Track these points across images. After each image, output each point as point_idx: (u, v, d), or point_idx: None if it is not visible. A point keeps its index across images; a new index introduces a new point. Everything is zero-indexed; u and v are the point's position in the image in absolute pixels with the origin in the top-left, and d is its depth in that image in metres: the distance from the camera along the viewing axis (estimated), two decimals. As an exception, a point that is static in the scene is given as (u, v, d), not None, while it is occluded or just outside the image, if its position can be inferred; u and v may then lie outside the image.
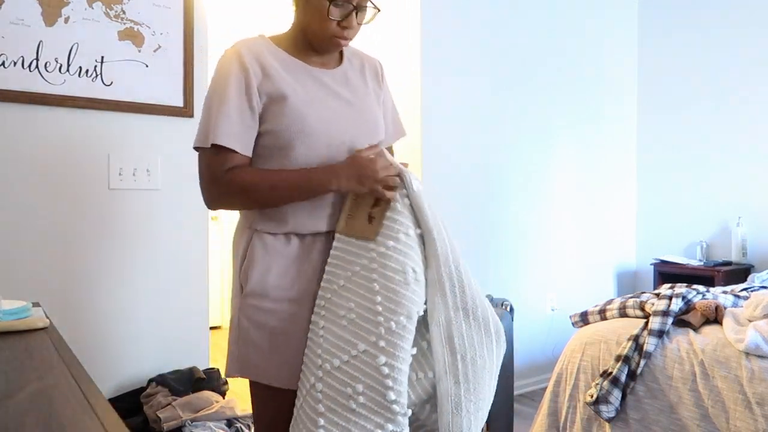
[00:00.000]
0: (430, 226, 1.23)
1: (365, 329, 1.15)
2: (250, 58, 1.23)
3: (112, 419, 0.72)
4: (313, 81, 1.29)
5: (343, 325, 1.18)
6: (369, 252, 1.21)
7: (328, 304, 1.22)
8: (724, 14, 3.59)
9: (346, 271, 1.22)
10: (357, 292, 1.19)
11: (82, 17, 2.03)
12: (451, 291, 1.21)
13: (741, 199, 3.52)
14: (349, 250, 1.23)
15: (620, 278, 3.94)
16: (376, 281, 1.17)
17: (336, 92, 1.31)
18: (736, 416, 1.80)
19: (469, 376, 1.18)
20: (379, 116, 1.39)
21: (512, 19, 3.33)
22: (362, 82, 1.39)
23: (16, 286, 1.94)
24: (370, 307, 1.16)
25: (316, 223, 1.27)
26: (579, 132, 3.67)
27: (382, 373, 1.11)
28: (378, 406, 1.12)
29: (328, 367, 1.16)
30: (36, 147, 1.98)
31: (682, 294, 2.16)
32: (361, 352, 1.14)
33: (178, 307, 2.25)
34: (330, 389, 1.15)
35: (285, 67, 1.27)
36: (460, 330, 1.20)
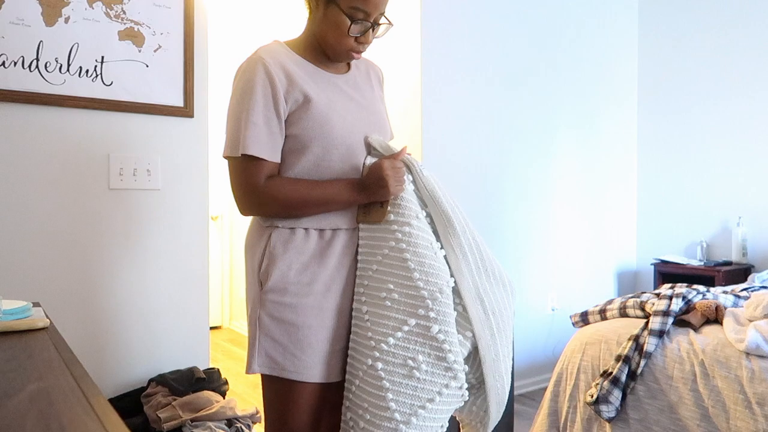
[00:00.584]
0: (444, 206, 1.34)
1: (411, 305, 1.24)
2: (275, 65, 1.27)
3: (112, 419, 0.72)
4: (330, 85, 1.35)
5: (387, 305, 1.26)
6: (394, 233, 1.29)
7: (366, 290, 1.30)
8: (724, 14, 3.59)
9: (376, 256, 1.30)
10: (392, 272, 1.27)
11: (83, 17, 2.03)
12: (473, 258, 1.34)
13: (741, 199, 3.52)
14: (375, 236, 1.31)
15: (621, 278, 3.94)
16: (409, 260, 1.26)
17: (350, 95, 1.38)
18: (737, 416, 1.80)
19: (500, 326, 1.33)
20: (386, 117, 1.49)
21: (512, 21, 3.33)
22: (369, 86, 1.46)
23: (16, 286, 1.94)
24: (409, 284, 1.25)
25: (335, 219, 1.33)
26: (579, 132, 3.67)
27: (438, 340, 1.23)
28: (441, 369, 1.23)
29: (384, 347, 1.24)
30: (36, 147, 1.98)
31: (682, 294, 2.16)
32: (413, 326, 1.24)
33: (178, 306, 2.25)
34: (391, 365, 1.23)
35: (305, 72, 1.33)
36: (485, 290, 1.33)
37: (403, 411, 1.22)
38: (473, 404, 1.39)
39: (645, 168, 4.00)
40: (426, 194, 1.36)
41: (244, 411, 2.10)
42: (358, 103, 1.39)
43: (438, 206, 1.35)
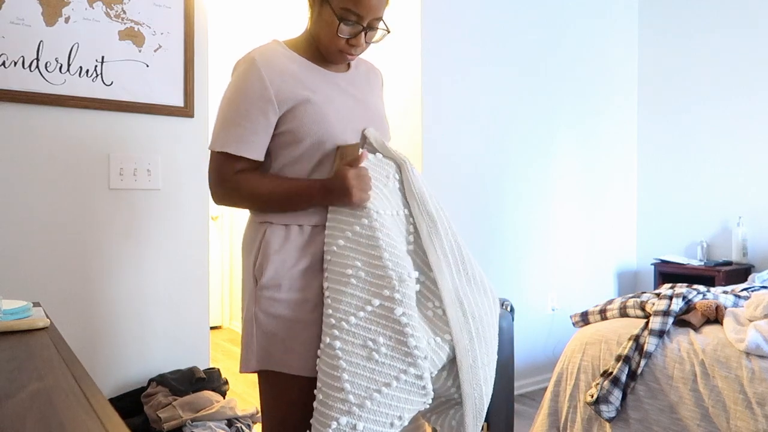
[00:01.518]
0: (429, 206, 1.35)
1: (376, 285, 1.22)
2: (267, 65, 1.28)
3: (113, 419, 0.72)
4: (328, 82, 1.35)
5: (353, 283, 1.23)
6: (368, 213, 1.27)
7: (330, 266, 1.27)
8: (724, 14, 3.59)
9: (344, 232, 1.27)
10: (360, 250, 1.25)
11: (83, 17, 2.03)
12: (453, 260, 1.33)
13: (741, 199, 3.52)
14: (345, 211, 1.29)
15: (621, 278, 3.94)
16: (381, 239, 1.24)
17: (349, 92, 1.38)
18: (737, 416, 1.80)
19: (480, 332, 1.29)
20: (385, 115, 1.49)
21: (513, 20, 3.33)
22: (368, 85, 1.47)
23: (16, 286, 1.94)
24: (378, 263, 1.23)
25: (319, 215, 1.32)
26: (579, 132, 3.67)
27: (401, 323, 1.20)
28: (400, 354, 1.20)
29: (345, 326, 1.21)
30: (36, 147, 1.98)
31: (682, 294, 2.16)
32: (377, 306, 1.21)
33: (178, 306, 2.25)
34: (349, 345, 1.20)
35: (301, 70, 1.33)
36: (466, 293, 1.31)
37: (358, 393, 1.18)
38: (453, 418, 1.35)
39: (645, 168, 4.00)
40: (413, 192, 1.35)
41: (244, 411, 2.10)
42: (357, 100, 1.39)
43: (423, 205, 1.34)
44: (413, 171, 1.37)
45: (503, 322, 2.41)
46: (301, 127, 1.28)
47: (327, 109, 1.31)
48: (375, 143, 1.37)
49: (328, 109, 1.31)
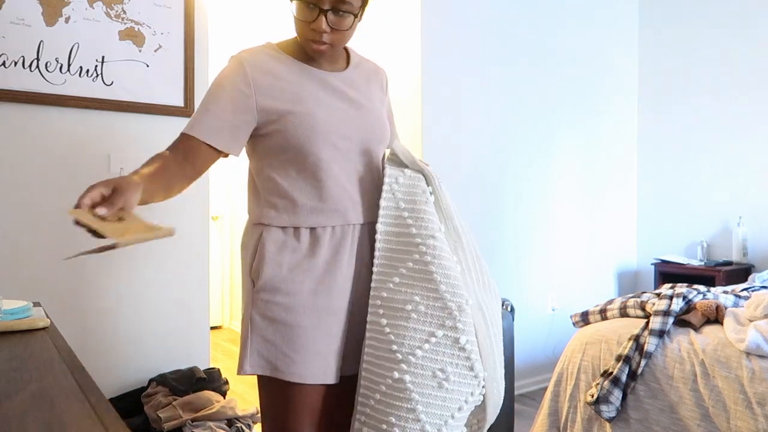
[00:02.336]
0: (455, 222, 1.36)
1: (438, 317, 1.25)
2: (253, 67, 1.27)
3: (113, 419, 0.72)
4: (320, 83, 1.32)
5: (413, 318, 1.25)
6: (418, 246, 1.28)
7: (386, 303, 1.28)
8: (724, 14, 3.59)
9: (398, 269, 1.29)
10: (417, 285, 1.27)
11: (83, 17, 2.03)
12: (476, 274, 1.36)
13: (741, 199, 3.52)
14: (396, 249, 1.31)
15: (621, 278, 3.94)
16: (435, 272, 1.26)
17: (344, 94, 1.34)
18: (737, 416, 1.80)
19: (497, 335, 1.36)
20: (385, 118, 1.43)
21: (513, 19, 3.33)
22: (367, 86, 1.42)
23: (16, 286, 1.94)
24: (436, 296, 1.25)
25: (326, 217, 1.30)
26: (580, 131, 3.67)
27: (466, 350, 1.24)
28: (468, 379, 1.25)
29: (412, 360, 1.23)
30: (36, 147, 1.98)
31: (682, 294, 2.16)
32: (440, 337, 1.24)
33: (178, 306, 2.25)
34: (419, 378, 1.23)
35: (291, 71, 1.30)
36: (485, 302, 1.35)
37: (434, 422, 1.23)
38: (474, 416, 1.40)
39: (645, 168, 4.00)
40: (441, 208, 1.35)
41: (244, 411, 2.10)
42: (352, 102, 1.35)
43: (450, 222, 1.35)
44: (441, 185, 1.37)
45: (503, 322, 2.41)
46: (287, 128, 1.26)
47: (315, 111, 1.27)
48: (403, 156, 1.35)
49: (316, 112, 1.27)
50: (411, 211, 1.31)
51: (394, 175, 1.34)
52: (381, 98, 1.46)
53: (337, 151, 1.30)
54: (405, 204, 1.32)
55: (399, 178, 1.34)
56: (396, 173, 1.34)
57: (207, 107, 1.27)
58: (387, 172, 1.34)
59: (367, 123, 1.35)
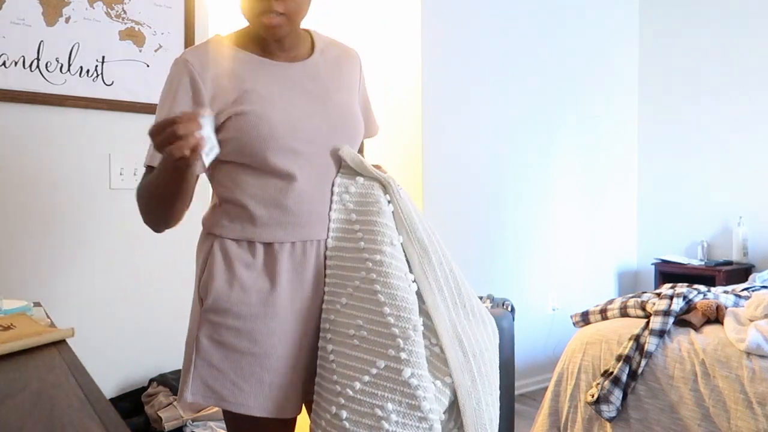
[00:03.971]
0: (420, 233, 1.18)
1: (380, 344, 1.08)
2: (199, 66, 1.13)
3: (113, 419, 0.72)
4: (275, 78, 1.16)
5: (355, 344, 1.10)
6: (365, 263, 1.13)
7: (333, 326, 1.15)
8: (724, 14, 3.58)
9: (346, 288, 1.14)
10: (362, 307, 1.11)
11: (83, 17, 2.03)
12: (449, 293, 1.18)
13: (742, 199, 3.52)
14: (345, 266, 1.16)
15: (621, 278, 3.94)
16: (379, 292, 1.10)
17: (304, 87, 1.18)
18: (737, 416, 1.80)
19: (482, 370, 1.15)
20: (356, 111, 1.25)
21: (513, 20, 3.33)
22: (336, 74, 1.24)
23: (16, 285, 1.94)
24: (379, 320, 1.09)
25: (284, 231, 1.15)
26: (580, 132, 3.66)
27: (411, 385, 1.06)
28: (414, 420, 1.05)
29: (349, 393, 1.08)
30: (37, 147, 1.98)
31: (683, 294, 2.16)
32: (382, 368, 1.07)
33: (179, 306, 2.25)
34: (357, 414, 1.07)
35: (242, 66, 1.15)
36: (464, 329, 1.17)
37: None
38: None
39: (645, 167, 4.00)
40: (401, 218, 1.17)
41: (244, 411, 2.10)
42: (316, 95, 1.18)
43: (413, 233, 1.17)
44: (400, 192, 1.19)
45: (503, 322, 2.41)
46: (239, 137, 1.11)
47: (268, 113, 1.11)
48: (352, 164, 1.19)
49: (269, 114, 1.11)
50: (362, 223, 1.16)
51: (345, 184, 1.19)
52: (353, 86, 1.28)
53: (299, 156, 1.14)
54: (357, 216, 1.17)
55: (350, 187, 1.19)
56: (346, 182, 1.19)
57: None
58: (336, 181, 1.19)
59: (334, 120, 1.19)
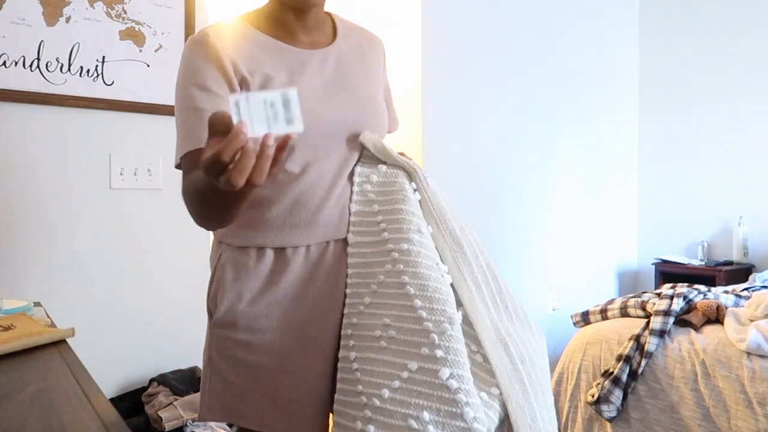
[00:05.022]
0: (451, 224, 1.06)
1: (412, 343, 0.93)
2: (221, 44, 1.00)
3: (114, 419, 0.72)
4: (297, 65, 1.05)
5: (382, 346, 0.95)
6: (389, 254, 1.00)
7: (355, 331, 1.01)
8: (725, 14, 3.58)
9: (369, 286, 1.01)
10: (389, 303, 0.98)
11: (84, 17, 2.03)
12: (488, 292, 1.04)
13: (742, 199, 3.51)
14: (367, 262, 1.03)
15: (621, 278, 3.94)
16: (408, 284, 0.96)
17: (326, 76, 1.08)
18: (738, 416, 1.80)
19: (534, 379, 0.99)
20: (380, 102, 1.16)
21: (514, 20, 3.33)
22: (360, 62, 1.15)
23: (17, 285, 1.94)
24: (409, 315, 0.94)
25: (298, 234, 1.05)
26: (580, 131, 3.66)
27: (450, 388, 0.88)
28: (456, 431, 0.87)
29: (377, 403, 0.92)
30: (37, 146, 1.98)
31: (683, 294, 2.16)
32: (415, 371, 0.91)
33: (179, 306, 2.25)
34: (386, 429, 0.90)
35: (262, 51, 1.04)
36: (508, 331, 1.02)
37: None
38: None
39: (646, 167, 4.00)
40: (430, 208, 1.06)
41: (244, 411, 2.10)
42: (339, 84, 1.08)
43: (444, 224, 1.05)
44: (428, 180, 1.08)
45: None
46: None
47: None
48: (374, 150, 1.09)
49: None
50: (386, 213, 1.05)
51: (366, 173, 1.09)
52: (377, 77, 1.19)
53: (317, 150, 1.03)
54: (380, 206, 1.06)
55: (372, 176, 1.08)
56: (368, 171, 1.09)
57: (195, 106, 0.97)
58: (357, 170, 1.09)
59: (357, 112, 1.09)
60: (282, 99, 0.67)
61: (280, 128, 0.67)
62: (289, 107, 0.67)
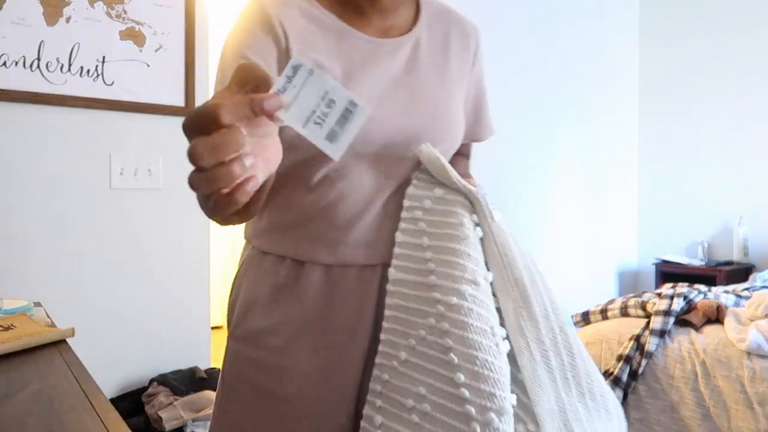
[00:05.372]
0: (519, 272, 0.86)
1: (448, 427, 0.76)
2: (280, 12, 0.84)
3: (114, 419, 0.72)
4: (360, 56, 0.87)
5: (414, 421, 0.79)
6: (435, 306, 0.81)
7: (386, 390, 0.84)
8: (725, 14, 3.58)
9: (408, 339, 0.83)
10: (427, 369, 0.80)
11: (84, 17, 2.03)
12: (558, 363, 0.84)
13: (742, 199, 3.51)
14: (409, 307, 0.84)
15: (622, 278, 3.94)
16: (452, 350, 0.78)
17: (393, 71, 0.89)
18: (738, 416, 1.80)
19: None
20: (457, 111, 0.96)
21: (514, 20, 3.33)
22: (441, 58, 0.95)
23: (17, 285, 1.94)
24: (450, 391, 0.77)
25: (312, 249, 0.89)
26: (580, 132, 3.66)
27: None
28: None
29: None
30: (37, 147, 1.98)
31: (683, 294, 2.16)
32: None
33: (179, 306, 2.25)
34: None
35: (323, 32, 0.86)
36: (577, 415, 0.82)
37: None
38: None
39: (646, 167, 4.00)
40: (494, 249, 0.87)
41: (245, 411, 2.10)
42: (404, 83, 0.89)
43: (510, 272, 0.85)
44: (493, 213, 0.90)
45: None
46: None
47: None
48: (432, 168, 0.89)
49: None
50: (437, 250, 0.85)
51: (419, 197, 0.90)
52: (461, 76, 0.99)
53: (360, 159, 0.86)
54: (431, 240, 0.86)
55: (425, 200, 0.89)
56: (422, 195, 0.90)
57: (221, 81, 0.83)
58: (409, 191, 0.90)
59: (418, 117, 0.89)
60: (346, 105, 0.49)
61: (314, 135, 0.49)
62: (346, 122, 0.49)
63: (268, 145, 0.51)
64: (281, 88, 0.48)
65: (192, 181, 0.46)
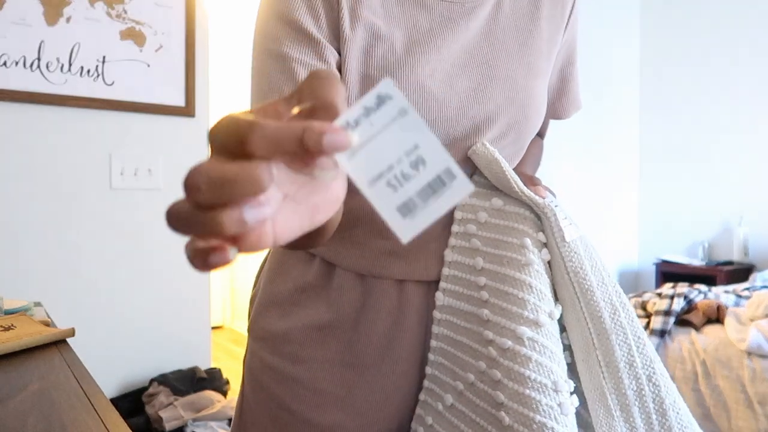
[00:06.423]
0: (597, 306, 0.67)
1: None
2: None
3: (114, 419, 0.72)
4: (428, 21, 0.71)
5: None
6: (486, 347, 0.67)
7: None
8: (725, 14, 3.58)
9: (455, 379, 0.71)
10: (475, 423, 0.67)
11: (84, 17, 2.03)
12: (644, 419, 0.66)
13: (743, 199, 3.51)
14: (458, 341, 0.71)
15: (622, 278, 3.94)
16: (504, 406, 0.64)
17: (466, 41, 0.73)
18: (738, 416, 1.80)
19: None
20: (540, 92, 0.78)
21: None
22: (527, 28, 0.77)
23: (17, 285, 1.94)
24: None
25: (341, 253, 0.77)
26: (581, 131, 3.66)
27: None
28: None
29: None
30: (38, 146, 1.98)
31: (684, 293, 2.16)
32: None
33: (179, 306, 2.25)
34: None
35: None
36: None
37: None
38: None
39: (646, 168, 4.00)
40: (565, 277, 0.68)
41: (245, 411, 2.10)
42: (478, 61, 0.73)
43: (585, 305, 0.67)
44: (564, 229, 0.69)
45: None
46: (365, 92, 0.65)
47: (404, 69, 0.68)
48: (488, 173, 0.72)
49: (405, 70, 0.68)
50: (492, 276, 0.69)
51: (474, 207, 0.73)
52: (551, 47, 0.79)
53: (448, 136, 0.72)
54: (485, 262, 0.70)
55: (481, 213, 0.73)
56: (477, 205, 0.73)
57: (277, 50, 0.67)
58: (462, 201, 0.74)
59: (497, 103, 0.73)
60: (440, 173, 0.34)
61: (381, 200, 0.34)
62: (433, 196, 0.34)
63: (318, 188, 0.36)
64: (353, 122, 0.34)
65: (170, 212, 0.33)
